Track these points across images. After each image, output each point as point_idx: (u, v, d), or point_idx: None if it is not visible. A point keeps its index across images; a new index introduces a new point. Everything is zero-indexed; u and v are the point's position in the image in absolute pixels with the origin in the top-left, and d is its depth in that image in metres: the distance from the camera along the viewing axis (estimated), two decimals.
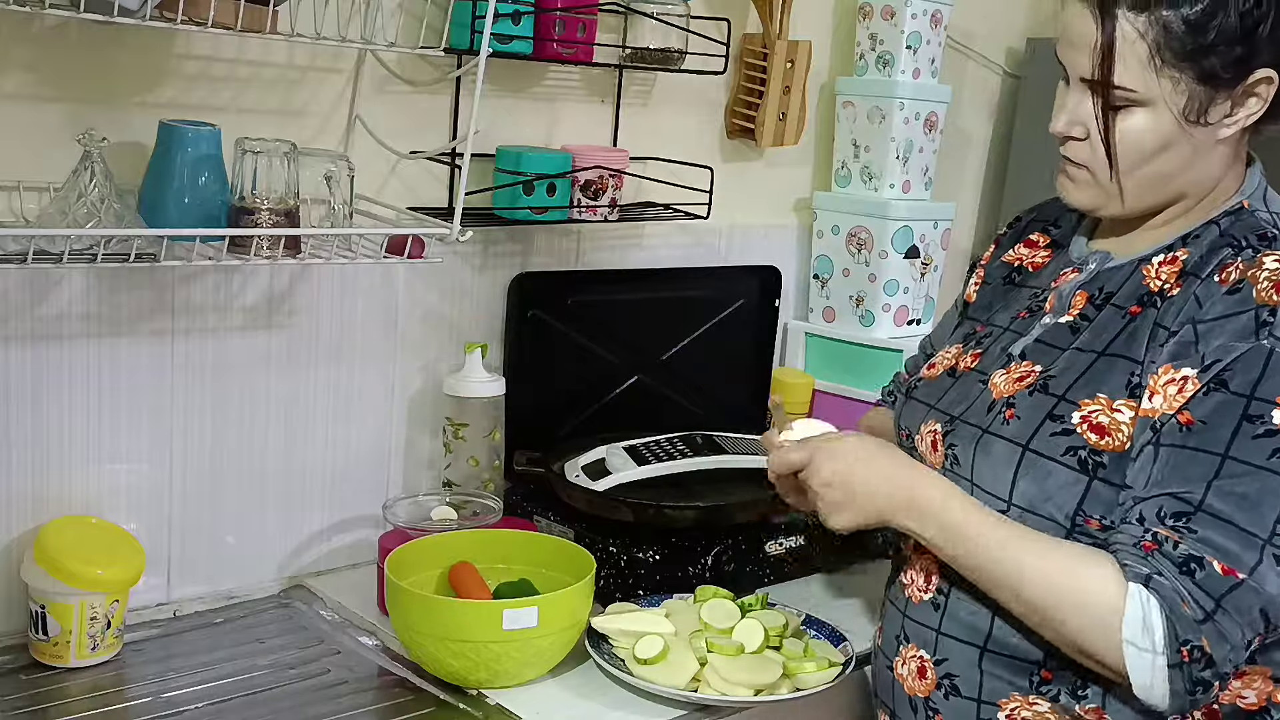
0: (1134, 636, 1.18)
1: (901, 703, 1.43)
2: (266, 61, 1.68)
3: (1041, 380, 1.33)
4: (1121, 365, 1.28)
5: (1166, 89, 1.24)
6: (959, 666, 1.36)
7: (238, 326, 1.73)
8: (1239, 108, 1.27)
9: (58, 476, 1.61)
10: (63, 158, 1.47)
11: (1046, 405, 1.30)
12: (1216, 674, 1.18)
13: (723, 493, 1.87)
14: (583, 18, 1.87)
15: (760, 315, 2.30)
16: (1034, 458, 1.29)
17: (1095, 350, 1.31)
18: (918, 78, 2.31)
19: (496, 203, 1.87)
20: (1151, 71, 1.24)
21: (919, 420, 1.44)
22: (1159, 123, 1.26)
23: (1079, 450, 1.27)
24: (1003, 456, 1.31)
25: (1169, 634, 1.17)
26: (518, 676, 1.52)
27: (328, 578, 1.84)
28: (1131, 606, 1.19)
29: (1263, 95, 1.26)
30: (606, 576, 1.73)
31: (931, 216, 2.35)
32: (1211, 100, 1.25)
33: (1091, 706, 1.29)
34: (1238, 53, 1.23)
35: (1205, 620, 1.17)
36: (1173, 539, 1.19)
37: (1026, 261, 1.50)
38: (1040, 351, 1.36)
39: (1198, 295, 1.26)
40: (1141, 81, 1.25)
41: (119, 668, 1.55)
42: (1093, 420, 1.27)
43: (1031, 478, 1.29)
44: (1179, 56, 1.23)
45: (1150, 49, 1.23)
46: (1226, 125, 1.27)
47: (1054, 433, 1.29)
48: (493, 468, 1.88)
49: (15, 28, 1.48)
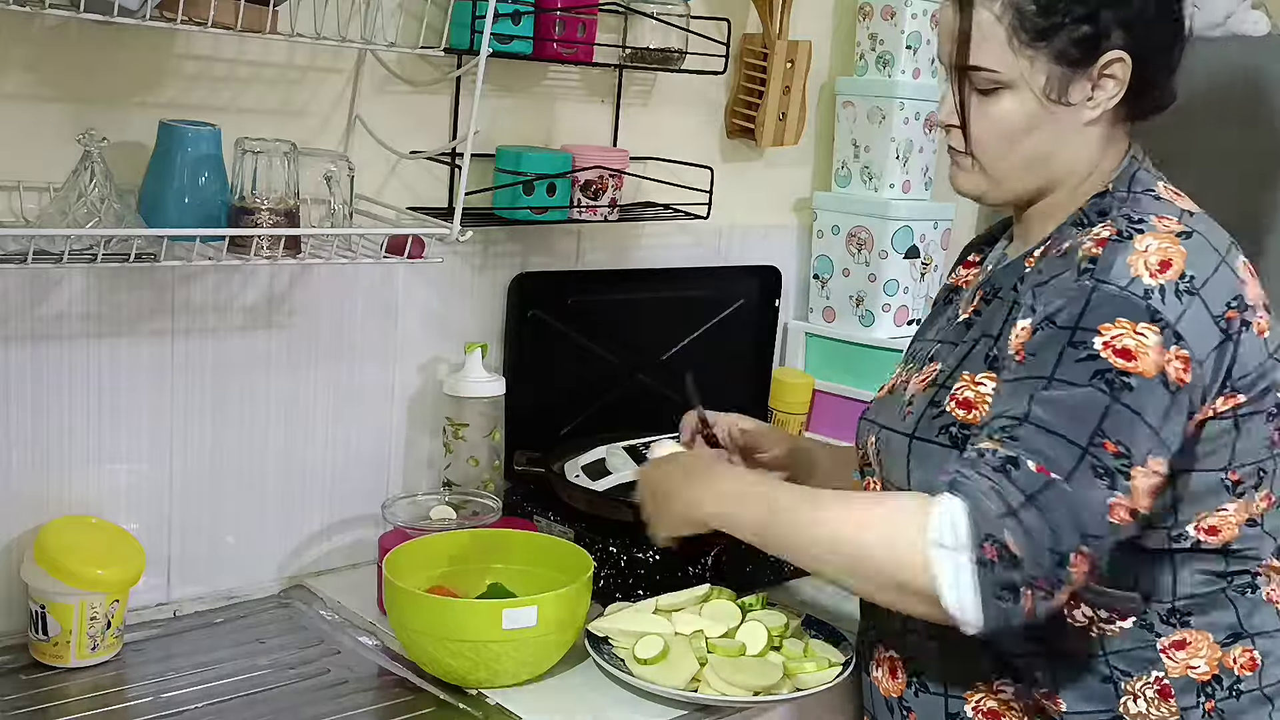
0: (940, 536, 1.18)
1: (880, 706, 1.46)
2: (266, 61, 1.68)
3: (937, 376, 1.39)
4: (983, 343, 1.35)
5: (1025, 68, 1.32)
6: (925, 661, 1.39)
7: (238, 326, 1.73)
8: (1098, 89, 1.33)
9: (58, 476, 1.61)
10: (63, 158, 1.47)
11: (932, 395, 1.37)
12: (1023, 576, 1.16)
13: None
14: (583, 18, 1.87)
15: (760, 315, 2.30)
16: (919, 444, 1.35)
17: (975, 338, 1.38)
18: (918, 78, 2.31)
19: (496, 203, 1.87)
20: (1010, 52, 1.32)
21: (864, 436, 1.50)
22: (1023, 103, 1.33)
23: (950, 428, 1.33)
24: (898, 450, 1.38)
25: (973, 530, 1.17)
26: (517, 676, 1.52)
27: (328, 578, 1.84)
28: (937, 511, 1.19)
29: (1118, 77, 1.32)
30: (606, 576, 1.73)
31: (931, 216, 2.35)
32: (1070, 80, 1.32)
33: (1044, 690, 1.32)
34: (1085, 31, 1.30)
35: (1008, 514, 1.16)
36: (994, 447, 1.21)
37: (960, 281, 1.56)
38: (943, 350, 1.42)
39: (1040, 267, 1.33)
40: (1001, 61, 1.32)
41: (119, 668, 1.55)
42: (959, 397, 1.34)
43: (919, 464, 1.35)
44: (1033, 36, 1.30)
45: (1007, 31, 1.31)
46: (1089, 107, 1.34)
47: (934, 417, 1.35)
48: (493, 468, 1.88)
49: (15, 28, 1.48)
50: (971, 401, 1.32)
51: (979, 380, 1.33)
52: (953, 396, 1.34)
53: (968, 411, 1.32)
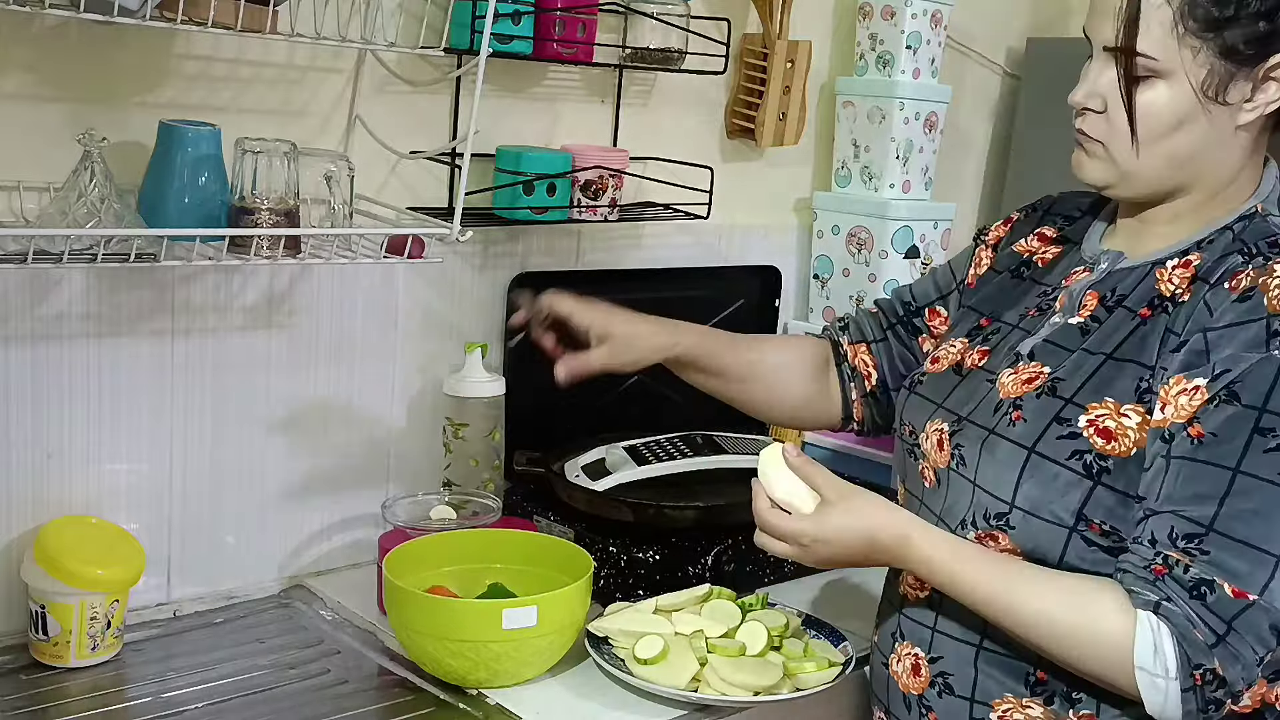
0: (1146, 663, 1.18)
1: (896, 700, 1.43)
2: (266, 61, 1.68)
3: (1050, 382, 1.32)
4: (1130, 369, 1.27)
5: (1187, 59, 1.24)
6: (953, 665, 1.36)
7: (238, 326, 1.73)
8: (1259, 92, 1.26)
9: (58, 476, 1.61)
10: (63, 158, 1.47)
11: (1054, 408, 1.29)
12: (1229, 693, 1.18)
13: (723, 493, 1.87)
14: (583, 18, 1.87)
15: (760, 315, 2.30)
16: (1039, 460, 1.28)
17: (1104, 353, 1.30)
18: (918, 78, 2.31)
19: (496, 203, 1.87)
20: (1174, 39, 1.23)
21: (924, 418, 1.42)
22: (1177, 95, 1.25)
23: (1084, 454, 1.26)
24: (1008, 459, 1.30)
25: (1181, 659, 1.17)
26: (517, 676, 1.52)
27: (328, 578, 1.84)
28: (1142, 634, 1.19)
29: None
30: (606, 576, 1.73)
31: (931, 216, 2.35)
32: (1231, 78, 1.24)
33: (1086, 712, 1.29)
34: (1261, 29, 1.22)
35: (1217, 644, 1.17)
36: (1183, 562, 1.19)
37: (1037, 256, 1.48)
38: (1049, 352, 1.35)
39: (1208, 301, 1.25)
40: (1163, 49, 1.24)
41: (119, 668, 1.55)
42: (1099, 425, 1.26)
43: (1036, 480, 1.28)
44: (1202, 26, 1.23)
45: (1175, 15, 1.23)
46: (1246, 110, 1.26)
47: (1060, 436, 1.28)
48: (493, 468, 1.88)
49: (15, 28, 1.48)
50: (1113, 433, 1.25)
51: (1124, 411, 1.25)
52: (1092, 423, 1.26)
53: (1107, 441, 1.25)
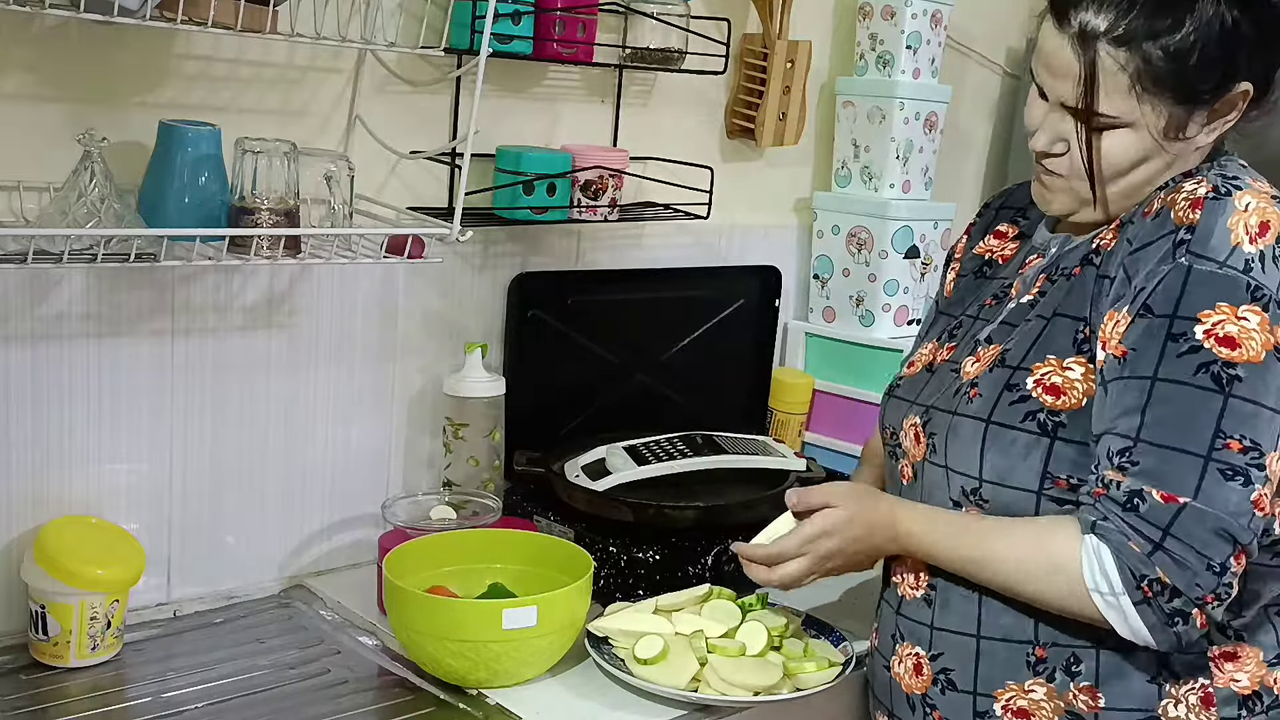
0: (1096, 584, 1.22)
1: (900, 702, 1.44)
2: (266, 61, 1.68)
3: (1000, 355, 1.36)
4: (1065, 324, 1.31)
5: (1147, 112, 1.27)
6: (954, 659, 1.37)
7: (238, 326, 1.73)
8: (1216, 118, 1.30)
9: (58, 476, 1.61)
10: (63, 158, 1.47)
11: (1004, 377, 1.33)
12: (1188, 601, 1.19)
13: (723, 493, 1.87)
14: (583, 18, 1.87)
15: (760, 315, 2.30)
16: (997, 429, 1.32)
17: (1044, 317, 1.34)
18: (918, 78, 2.31)
19: (496, 203, 1.87)
20: (1132, 98, 1.26)
21: (901, 416, 1.46)
22: (1140, 140, 1.29)
23: (1037, 414, 1.30)
24: (969, 434, 1.34)
25: (1124, 573, 1.20)
26: (517, 676, 1.52)
27: (328, 578, 1.84)
28: (1085, 556, 1.23)
29: (1239, 105, 1.29)
30: (606, 576, 1.73)
31: (931, 216, 2.35)
32: (1190, 116, 1.28)
33: (1085, 684, 1.31)
34: (1219, 76, 1.26)
35: (1154, 551, 1.19)
36: (1116, 478, 1.22)
37: (996, 254, 1.52)
38: (1004, 333, 1.39)
39: (1128, 237, 1.29)
40: (1123, 108, 1.27)
41: (119, 668, 1.55)
42: (1046, 382, 1.30)
43: (997, 449, 1.31)
44: (1159, 85, 1.25)
45: (1130, 79, 1.25)
46: (1206, 134, 1.30)
47: (1012, 401, 1.31)
48: (493, 468, 1.88)
49: (15, 28, 1.48)
50: (1060, 387, 1.29)
51: (1067, 365, 1.29)
52: (1039, 382, 1.30)
53: (1056, 397, 1.29)
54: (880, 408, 1.54)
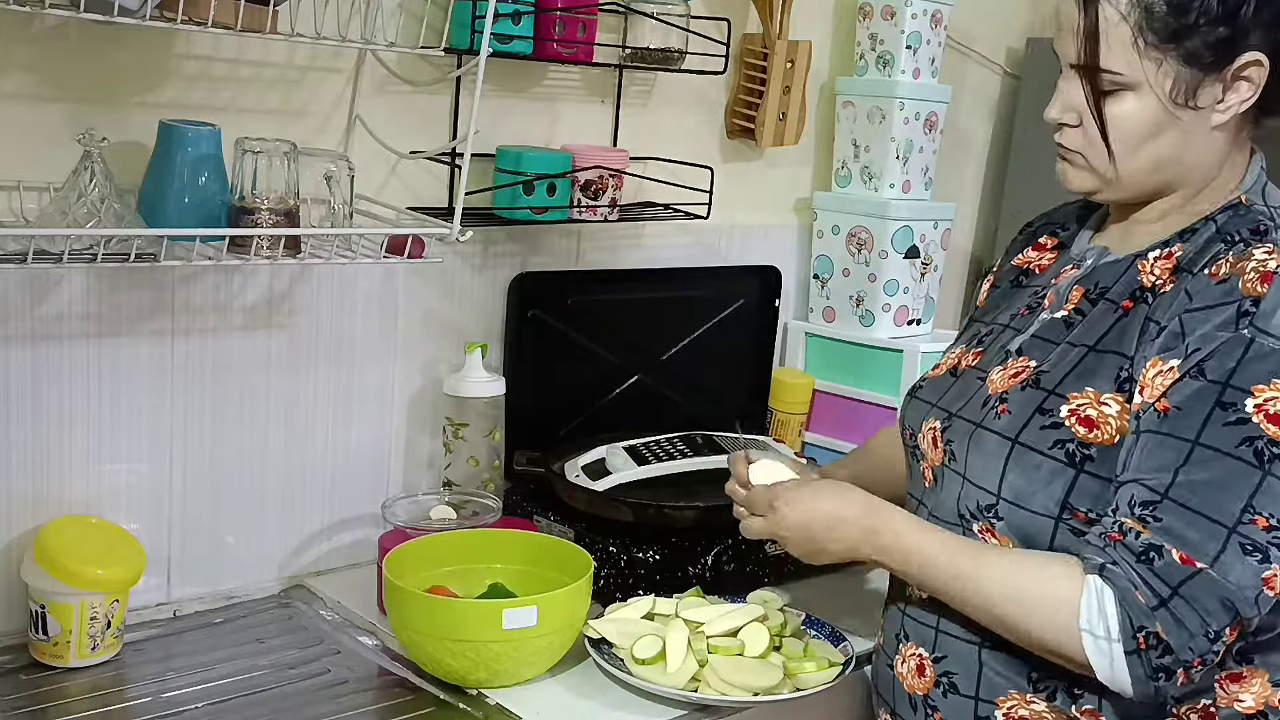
0: (1090, 625, 1.21)
1: (901, 701, 1.44)
2: (266, 61, 1.68)
3: (1034, 375, 1.34)
4: (1111, 360, 1.29)
5: (1151, 71, 1.25)
6: (958, 663, 1.36)
7: (238, 326, 1.73)
8: (1230, 92, 1.27)
9: (58, 476, 1.61)
10: (63, 158, 1.47)
11: (1037, 399, 1.31)
12: (1177, 661, 1.19)
13: (722, 493, 1.86)
14: (583, 18, 1.87)
15: (760, 315, 2.30)
16: (1023, 451, 1.30)
17: (1086, 344, 1.32)
18: (918, 78, 2.31)
19: (496, 203, 1.87)
20: (1135, 53, 1.25)
21: (921, 418, 1.45)
22: (1147, 105, 1.27)
23: (1067, 443, 1.28)
24: (993, 450, 1.32)
25: (1123, 621, 1.19)
26: (517, 676, 1.52)
27: (328, 578, 1.84)
28: (1086, 596, 1.21)
29: (1254, 80, 1.26)
30: (607, 576, 1.73)
31: (931, 216, 2.35)
32: (1199, 83, 1.25)
33: (1088, 707, 1.30)
34: (1221, 34, 1.23)
35: (1159, 607, 1.18)
36: (1136, 528, 1.21)
37: (1034, 264, 1.50)
38: (1036, 346, 1.37)
39: (1188, 289, 1.26)
40: (1126, 64, 1.26)
41: (119, 668, 1.55)
42: (1081, 414, 1.28)
43: (1020, 470, 1.30)
44: (1162, 38, 1.24)
45: (1133, 31, 1.24)
46: (1219, 110, 1.27)
47: (1043, 426, 1.29)
48: (493, 468, 1.88)
49: (15, 28, 1.48)
50: (1094, 420, 1.27)
51: (1104, 400, 1.27)
52: (1073, 412, 1.28)
53: (1089, 430, 1.27)
54: (901, 408, 1.53)
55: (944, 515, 1.38)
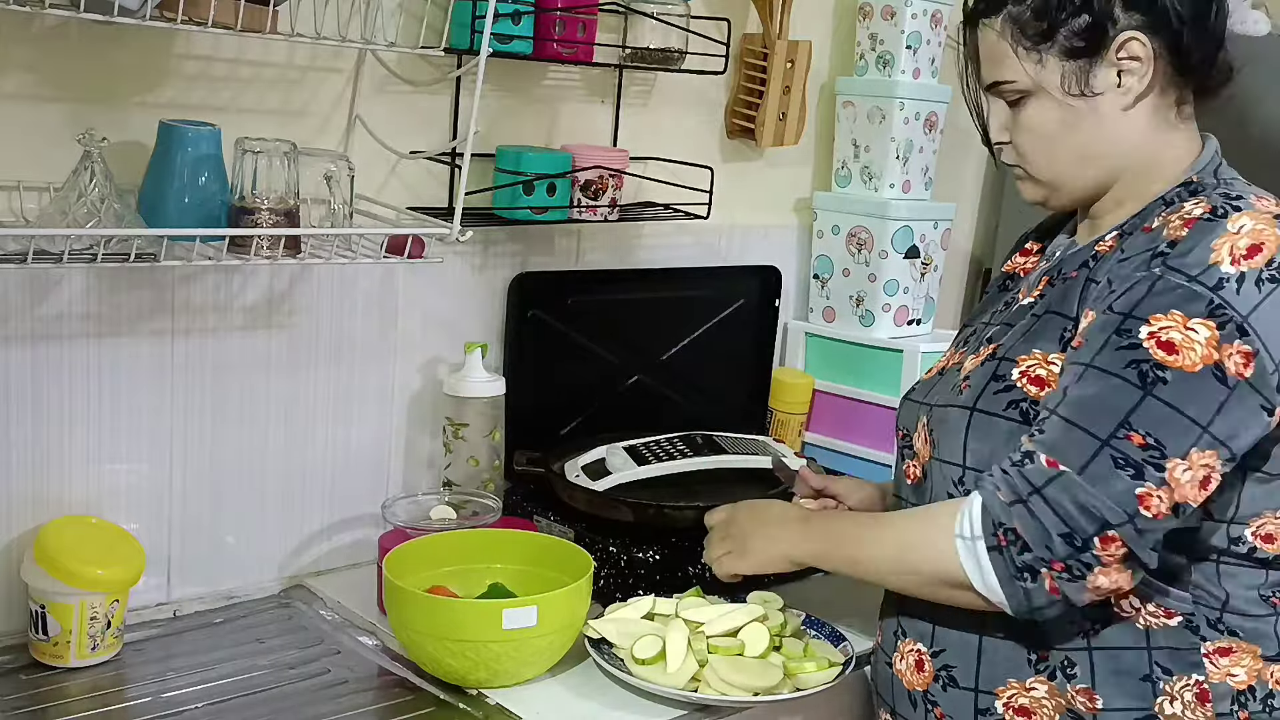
0: (960, 529, 1.27)
1: (901, 698, 1.44)
2: (266, 61, 1.68)
3: (993, 351, 1.39)
4: (1055, 321, 1.34)
5: (1039, 72, 1.32)
6: (956, 655, 1.38)
7: (238, 326, 1.73)
8: (1125, 74, 1.32)
9: (58, 476, 1.61)
10: (63, 158, 1.47)
11: (991, 369, 1.37)
12: (1036, 559, 1.23)
13: (723, 493, 1.87)
14: (583, 18, 1.87)
15: (760, 315, 2.30)
16: (981, 417, 1.35)
17: (1037, 315, 1.37)
18: (918, 78, 2.31)
19: (496, 203, 1.87)
20: (1019, 60, 1.33)
21: (914, 418, 1.48)
22: (1048, 105, 1.33)
23: (1020, 403, 1.33)
24: (956, 423, 1.37)
25: (984, 520, 1.26)
26: (517, 676, 1.52)
27: (328, 578, 1.84)
28: (962, 507, 1.28)
29: (1140, 57, 1.30)
30: (607, 576, 1.73)
31: (931, 216, 2.35)
32: (1087, 72, 1.31)
33: (1081, 686, 1.31)
34: (1085, 20, 1.30)
35: (1015, 502, 1.24)
36: (1025, 445, 1.26)
37: (1019, 269, 1.55)
38: (1003, 332, 1.41)
39: (1123, 247, 1.32)
40: (1015, 71, 1.33)
41: (119, 668, 1.55)
42: (1031, 374, 1.33)
43: (978, 436, 1.34)
44: (1035, 41, 1.32)
45: (1010, 43, 1.33)
46: (1121, 93, 1.32)
47: (997, 391, 1.35)
48: (493, 468, 1.88)
49: (15, 28, 1.48)
50: (1044, 379, 1.32)
51: (1051, 359, 1.32)
52: (1024, 373, 1.33)
53: (1040, 388, 1.31)
54: (898, 413, 1.56)
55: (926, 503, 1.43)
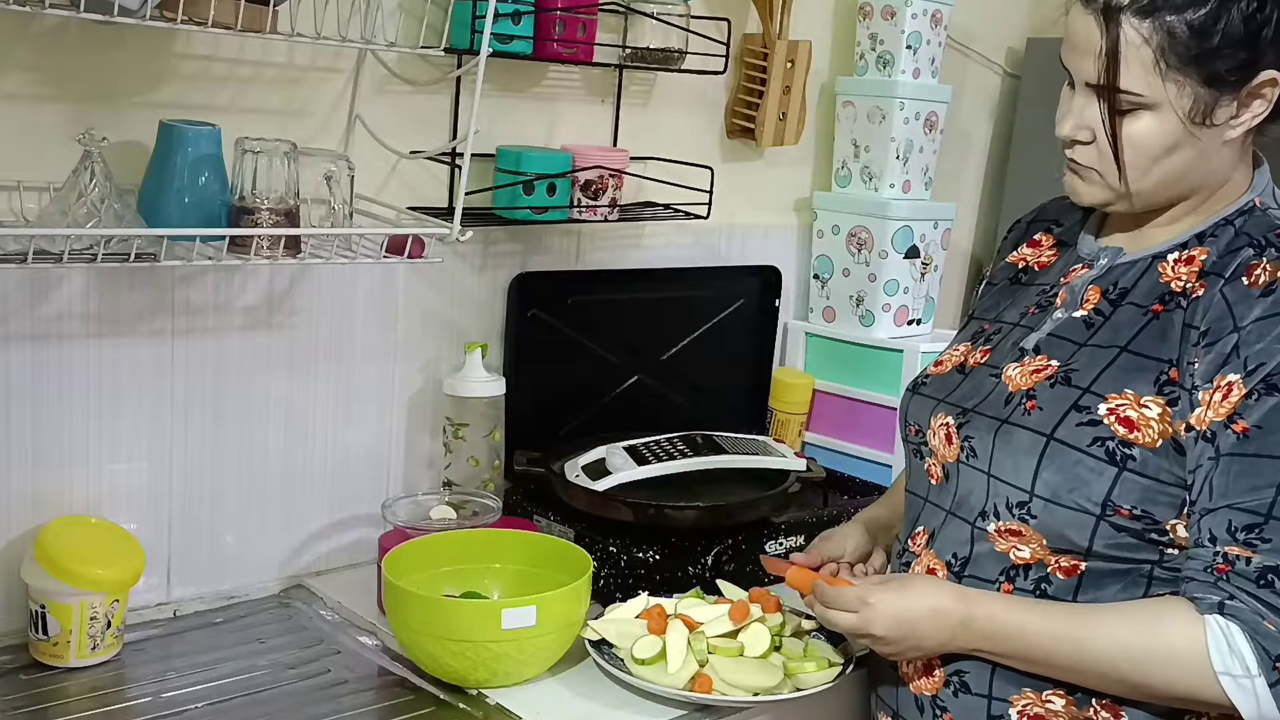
0: (1226, 667, 1.19)
1: (906, 703, 1.43)
2: (266, 61, 1.68)
3: (1062, 373, 1.33)
4: (1150, 364, 1.29)
5: (1172, 92, 1.25)
6: (969, 662, 1.35)
7: (238, 326, 1.73)
8: (1244, 109, 1.28)
9: (58, 476, 1.61)
10: (63, 158, 1.47)
11: (1070, 397, 1.31)
12: None
13: (723, 493, 1.87)
14: (583, 18, 1.87)
15: (760, 315, 2.30)
16: (1059, 447, 1.29)
17: (1117, 346, 1.32)
18: (918, 78, 2.31)
19: (496, 203, 1.87)
20: (1156, 75, 1.25)
21: (928, 414, 1.44)
22: (1165, 125, 1.27)
23: (1106, 441, 1.28)
24: (1025, 446, 1.31)
25: (1259, 654, 1.18)
26: (517, 676, 1.52)
27: (328, 577, 1.84)
28: (1213, 638, 1.20)
29: (1267, 97, 1.27)
30: (607, 576, 1.73)
31: (931, 216, 2.35)
32: (1216, 101, 1.26)
33: (1105, 700, 1.30)
34: (1242, 57, 1.24)
35: None
36: (1245, 555, 1.20)
37: (1032, 261, 1.51)
38: (1055, 345, 1.37)
39: (1226, 296, 1.26)
40: (1146, 85, 1.25)
41: (119, 668, 1.55)
42: (1120, 414, 1.28)
43: (1056, 467, 1.29)
44: (1183, 61, 1.24)
45: (1155, 54, 1.24)
46: (1233, 126, 1.28)
47: (1079, 423, 1.29)
48: (493, 468, 1.88)
49: (15, 28, 1.48)
50: (1134, 423, 1.27)
51: (1144, 403, 1.27)
52: (1112, 411, 1.28)
53: (1129, 430, 1.27)
54: (901, 405, 1.52)
55: (960, 512, 1.38)
